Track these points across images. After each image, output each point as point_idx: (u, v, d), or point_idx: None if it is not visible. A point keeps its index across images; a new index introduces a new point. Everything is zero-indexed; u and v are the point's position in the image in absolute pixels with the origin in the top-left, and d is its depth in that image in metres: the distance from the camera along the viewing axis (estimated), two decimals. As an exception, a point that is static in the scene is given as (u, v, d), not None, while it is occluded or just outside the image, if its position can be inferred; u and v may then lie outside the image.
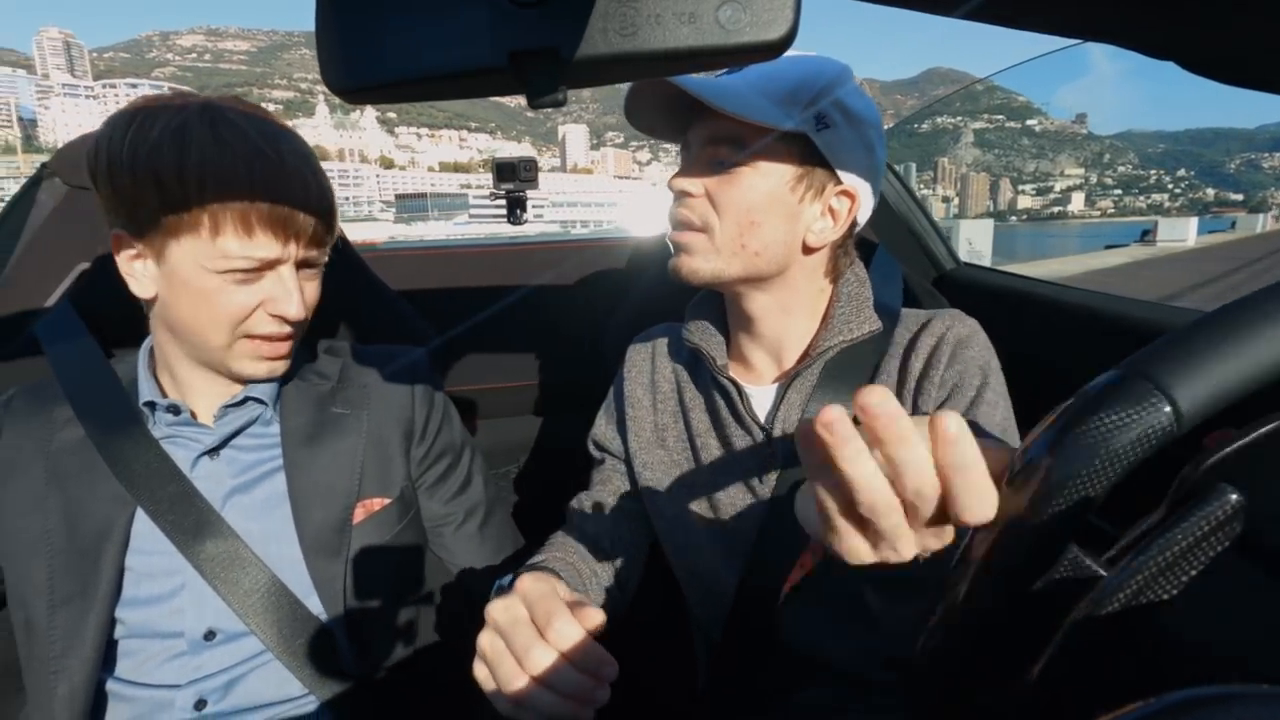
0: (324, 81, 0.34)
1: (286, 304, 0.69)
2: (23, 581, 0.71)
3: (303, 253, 0.70)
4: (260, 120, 0.68)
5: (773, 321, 0.75)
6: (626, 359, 0.89)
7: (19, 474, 0.72)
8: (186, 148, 0.63)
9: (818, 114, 0.67)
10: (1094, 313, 1.03)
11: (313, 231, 0.70)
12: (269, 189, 0.65)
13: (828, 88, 0.68)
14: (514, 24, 0.33)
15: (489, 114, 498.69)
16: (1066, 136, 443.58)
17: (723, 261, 0.70)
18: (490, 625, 0.53)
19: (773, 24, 0.32)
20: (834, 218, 0.71)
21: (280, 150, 0.67)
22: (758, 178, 0.68)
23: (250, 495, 0.76)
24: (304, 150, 0.70)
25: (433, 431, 0.87)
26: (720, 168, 0.69)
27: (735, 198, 0.68)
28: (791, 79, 0.68)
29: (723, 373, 0.75)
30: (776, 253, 0.70)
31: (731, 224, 0.69)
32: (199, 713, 0.71)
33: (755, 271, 0.71)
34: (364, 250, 1.31)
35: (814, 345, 0.74)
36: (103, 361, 0.79)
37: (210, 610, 0.72)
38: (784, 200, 0.69)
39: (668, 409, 0.83)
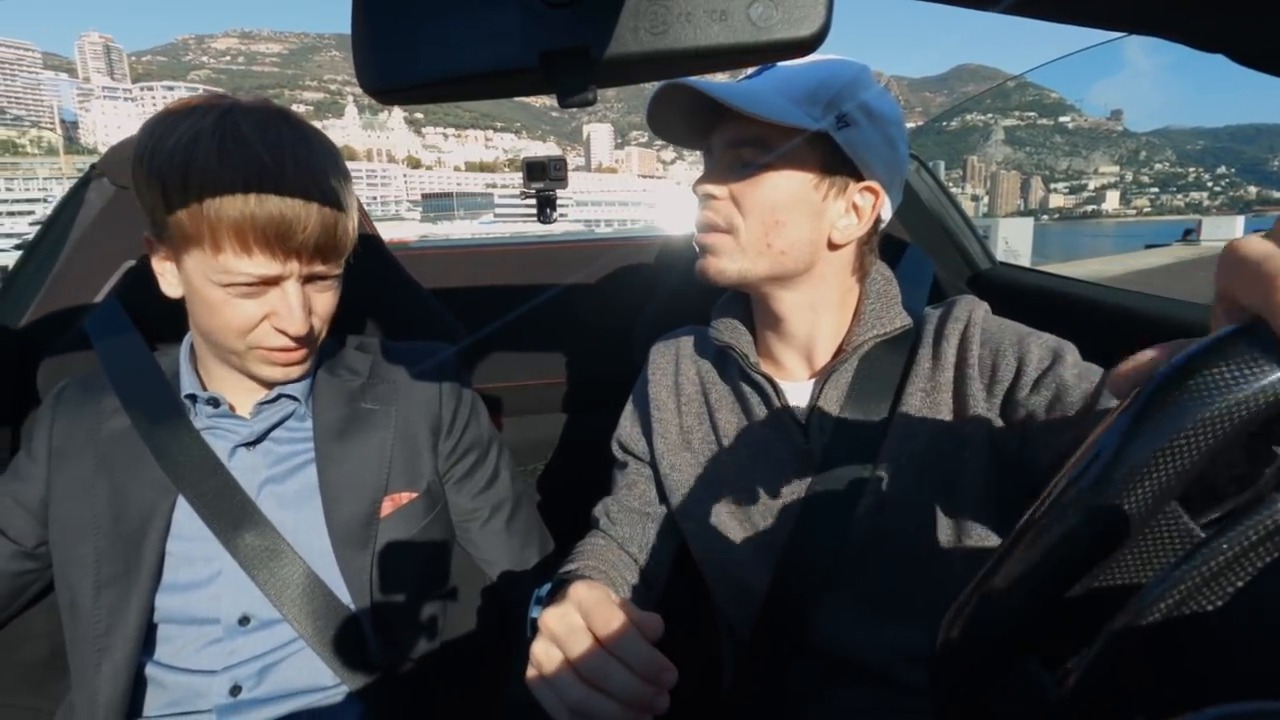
0: (359, 83, 0.34)
1: (289, 320, 0.69)
2: (71, 563, 0.74)
3: (307, 269, 0.69)
4: (277, 130, 0.67)
5: (802, 320, 0.75)
6: (649, 362, 0.88)
7: (70, 460, 0.76)
8: (191, 162, 0.63)
9: (839, 113, 0.68)
10: (1136, 314, 1.00)
11: (315, 248, 0.68)
12: (266, 207, 0.64)
13: (848, 87, 0.69)
14: (545, 24, 0.33)
15: (515, 114, 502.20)
16: (1101, 133, 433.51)
17: (749, 261, 0.71)
18: (545, 633, 0.52)
19: (804, 20, 0.32)
20: (858, 215, 0.72)
21: (285, 166, 0.65)
22: (781, 178, 0.69)
23: (284, 486, 0.77)
24: (315, 163, 0.68)
25: (460, 427, 0.88)
26: (744, 170, 0.69)
27: (759, 198, 0.69)
28: (811, 80, 0.69)
29: (756, 369, 0.75)
30: (802, 251, 0.71)
31: (757, 224, 0.69)
32: (234, 699, 0.73)
33: (782, 270, 0.71)
34: (396, 249, 1.33)
35: (847, 341, 0.74)
36: (147, 355, 0.82)
37: (245, 597, 0.74)
38: (808, 199, 0.70)
39: (692, 411, 0.83)
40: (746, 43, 0.31)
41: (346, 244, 0.72)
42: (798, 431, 0.75)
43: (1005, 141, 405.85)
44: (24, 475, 0.77)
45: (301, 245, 0.67)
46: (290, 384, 0.78)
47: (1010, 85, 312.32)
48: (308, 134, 0.70)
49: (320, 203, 0.67)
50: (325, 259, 0.70)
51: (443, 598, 0.88)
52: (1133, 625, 0.30)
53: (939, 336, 0.73)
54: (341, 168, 0.72)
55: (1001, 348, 0.68)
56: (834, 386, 0.74)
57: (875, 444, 0.71)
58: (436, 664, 0.84)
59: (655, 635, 0.50)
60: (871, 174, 0.71)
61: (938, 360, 0.72)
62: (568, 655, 0.50)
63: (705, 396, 0.83)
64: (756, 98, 0.66)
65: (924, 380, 0.72)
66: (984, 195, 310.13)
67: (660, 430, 0.83)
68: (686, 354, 0.87)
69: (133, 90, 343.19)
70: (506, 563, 0.91)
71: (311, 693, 0.76)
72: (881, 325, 0.73)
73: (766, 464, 0.76)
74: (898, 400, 0.72)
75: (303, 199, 0.66)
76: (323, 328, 0.75)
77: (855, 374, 0.74)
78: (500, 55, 0.33)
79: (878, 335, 0.73)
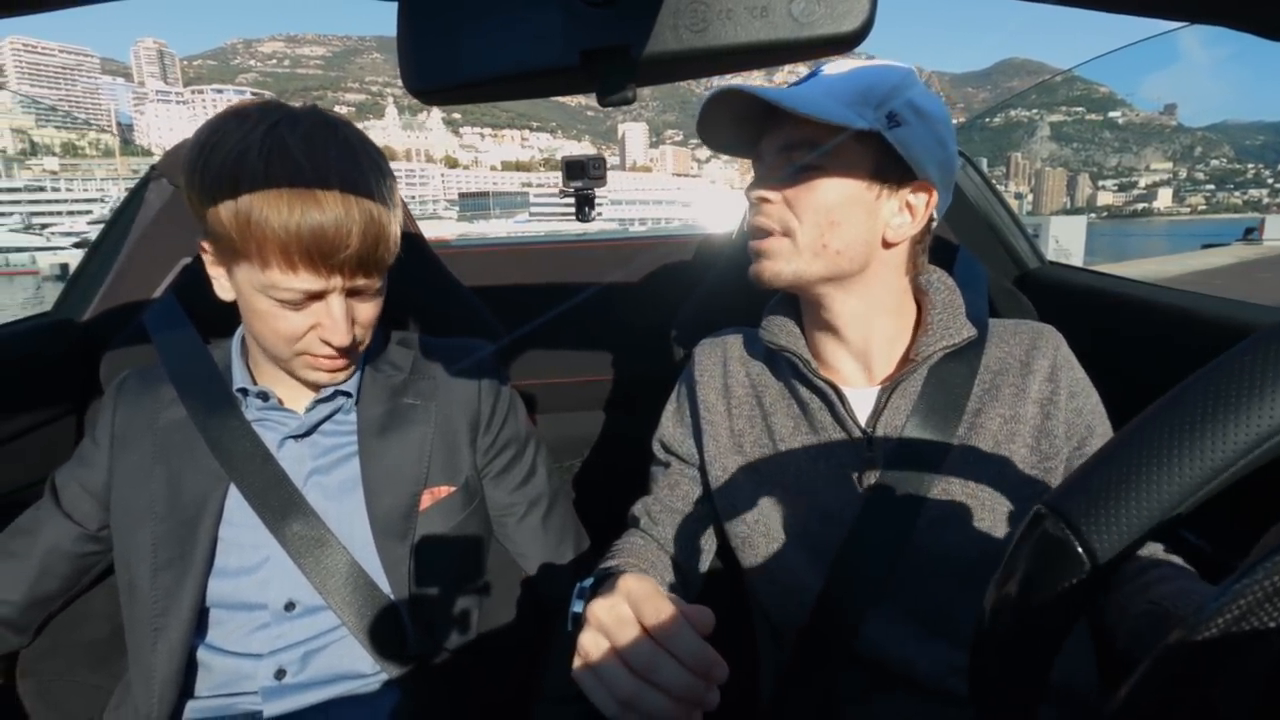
0: (403, 84, 0.35)
1: (334, 332, 0.71)
2: (129, 547, 0.77)
3: (349, 283, 0.70)
4: (324, 144, 0.68)
5: (859, 325, 0.75)
6: (695, 363, 0.87)
7: (130, 448, 0.79)
8: (240, 177, 0.64)
9: (889, 112, 0.68)
10: (1194, 315, 0.95)
11: (357, 263, 0.69)
12: (309, 225, 0.65)
13: (896, 87, 0.69)
14: (585, 23, 0.33)
15: (550, 113, 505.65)
16: (1153, 129, 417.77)
17: (804, 263, 0.71)
18: (593, 624, 0.52)
19: (847, 16, 0.31)
20: (911, 213, 0.72)
21: (329, 182, 0.66)
22: (834, 178, 0.69)
23: (328, 477, 0.80)
24: (359, 178, 0.68)
25: (498, 423, 0.89)
26: (796, 173, 0.70)
27: (814, 199, 0.69)
28: (859, 83, 0.69)
29: (818, 375, 0.75)
30: (858, 251, 0.71)
31: (812, 225, 0.70)
32: (279, 682, 0.76)
33: (838, 270, 0.71)
34: (437, 247, 1.36)
35: (915, 350, 0.74)
36: (202, 349, 0.85)
37: (291, 583, 0.77)
38: (862, 198, 0.70)
39: (743, 413, 0.82)
40: (788, 39, 0.31)
41: (389, 257, 0.73)
42: (861, 439, 0.74)
43: (1051, 138, 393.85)
44: (88, 461, 0.81)
45: (344, 261, 0.68)
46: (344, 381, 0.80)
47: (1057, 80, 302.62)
48: (354, 146, 0.70)
49: (362, 219, 0.68)
50: (368, 273, 0.71)
51: (479, 591, 0.89)
52: (1189, 639, 0.29)
53: (1026, 368, 0.73)
54: (386, 178, 0.72)
55: (1091, 420, 0.71)
56: (902, 396, 0.73)
57: (941, 459, 0.71)
58: (471, 656, 0.86)
59: (707, 629, 0.50)
60: (923, 172, 0.70)
61: (1022, 392, 0.72)
62: (617, 647, 0.50)
63: (758, 399, 0.82)
64: (808, 100, 0.66)
65: (1005, 407, 0.72)
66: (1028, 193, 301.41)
67: (710, 432, 0.82)
68: (735, 355, 0.86)
69: (184, 93, 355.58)
70: (542, 557, 0.92)
71: (352, 679, 0.78)
72: (950, 336, 0.73)
73: (826, 470, 0.75)
74: (970, 417, 0.72)
75: (344, 215, 0.66)
76: (366, 334, 0.77)
77: (924, 385, 0.73)
78: (541, 55, 0.33)
79: (947, 346, 0.73)
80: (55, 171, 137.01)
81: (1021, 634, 0.35)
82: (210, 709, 0.76)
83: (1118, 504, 0.31)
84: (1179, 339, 0.96)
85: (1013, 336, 0.76)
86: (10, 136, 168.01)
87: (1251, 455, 0.30)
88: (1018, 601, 0.34)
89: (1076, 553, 0.32)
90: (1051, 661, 0.35)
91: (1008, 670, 0.36)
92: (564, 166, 1.56)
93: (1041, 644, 0.34)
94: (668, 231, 1.54)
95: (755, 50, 0.32)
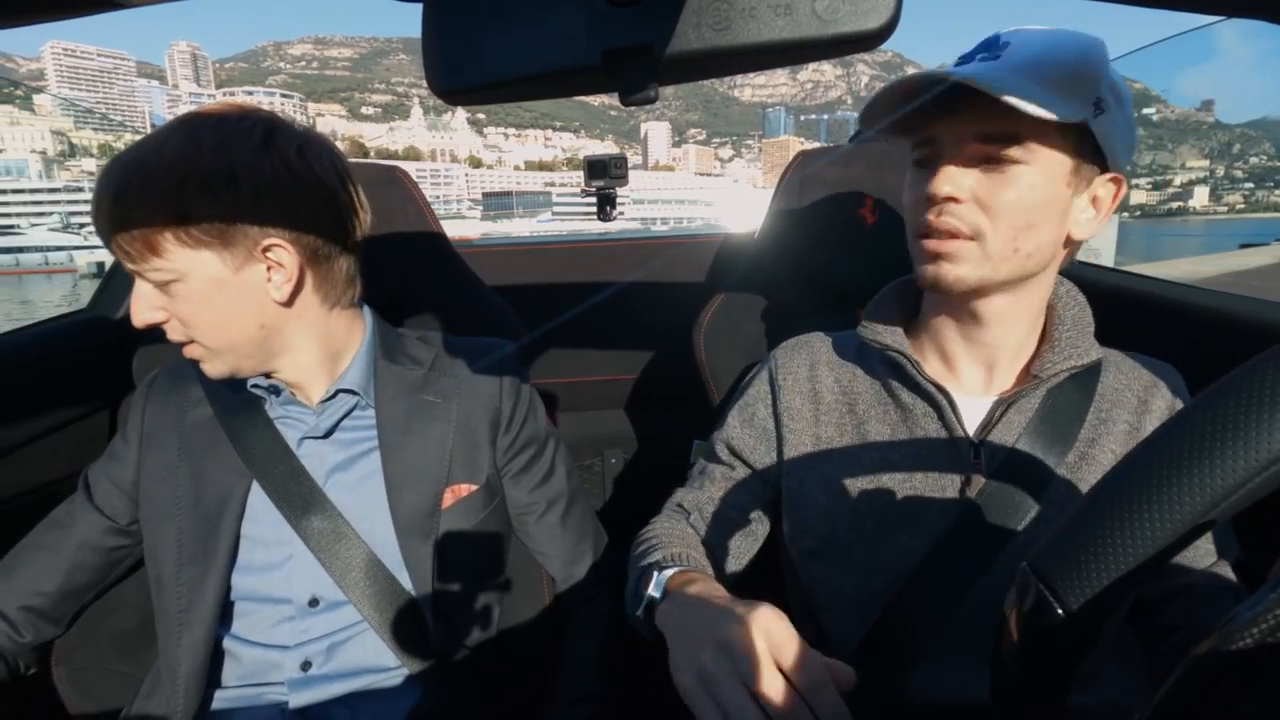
0: (428, 85, 0.36)
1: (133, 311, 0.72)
2: (157, 541, 0.79)
3: (127, 264, 0.71)
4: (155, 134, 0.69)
5: (1000, 328, 0.70)
6: (779, 366, 0.82)
7: (158, 445, 0.81)
8: None
9: (1096, 98, 0.61)
10: (1231, 317, 0.92)
11: (118, 245, 0.69)
12: (93, 203, 0.69)
13: (1101, 66, 0.62)
14: (608, 23, 0.33)
15: (574, 113, 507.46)
16: (1189, 126, 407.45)
17: (992, 267, 0.65)
18: (719, 645, 0.51)
19: (872, 13, 0.31)
20: (1098, 207, 0.67)
21: (114, 167, 0.68)
22: (1036, 175, 0.62)
23: (349, 474, 0.81)
24: (145, 166, 0.66)
25: (519, 422, 0.89)
26: (990, 165, 0.63)
27: (1013, 200, 0.62)
28: (1066, 63, 0.61)
29: (929, 379, 0.71)
30: (1046, 253, 0.66)
31: (1007, 228, 0.63)
32: (304, 674, 0.77)
33: (1023, 273, 0.66)
34: (461, 246, 1.37)
35: (1037, 365, 0.69)
36: None
37: (315, 579, 0.78)
38: (1059, 195, 0.64)
39: (832, 420, 0.77)
40: (812, 37, 0.31)
41: (142, 246, 0.67)
42: (968, 452, 0.69)
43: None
44: (119, 457, 0.83)
45: (106, 238, 0.69)
46: (349, 376, 0.81)
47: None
48: (163, 134, 0.68)
49: (116, 198, 0.67)
50: (128, 256, 0.69)
51: (499, 589, 0.90)
52: (1221, 649, 0.28)
53: (1144, 405, 0.69)
54: (171, 171, 0.66)
55: None
56: (1019, 412, 0.69)
57: (1047, 484, 0.67)
58: (492, 654, 0.86)
59: (848, 686, 0.48)
60: (1117, 162, 0.65)
61: (1137, 431, 0.69)
62: (752, 682, 0.48)
63: (851, 406, 0.77)
64: (1019, 86, 0.58)
65: (1118, 443, 0.68)
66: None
67: (793, 440, 0.78)
68: (823, 359, 0.81)
69: (216, 95, 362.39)
70: (561, 556, 0.92)
71: (376, 672, 0.79)
72: (1078, 356, 0.68)
73: (925, 480, 0.71)
74: (1083, 446, 0.68)
75: (101, 195, 0.68)
76: (203, 335, 0.72)
77: (1041, 403, 0.69)
78: (564, 55, 0.34)
79: (1073, 367, 0.68)
80: (93, 172, 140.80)
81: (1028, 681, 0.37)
82: (239, 698, 0.78)
83: (1087, 561, 0.33)
84: (1214, 342, 0.92)
85: (1131, 370, 0.72)
86: (50, 139, 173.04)
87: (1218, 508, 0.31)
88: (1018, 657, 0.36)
89: (1053, 609, 0.34)
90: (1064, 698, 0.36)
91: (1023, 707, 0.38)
92: (586, 166, 1.56)
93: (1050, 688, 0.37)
94: (690, 231, 1.53)
95: (778, 49, 0.31)
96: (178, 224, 0.67)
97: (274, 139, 0.70)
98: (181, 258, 0.68)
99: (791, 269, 1.09)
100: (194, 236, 0.68)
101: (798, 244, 1.09)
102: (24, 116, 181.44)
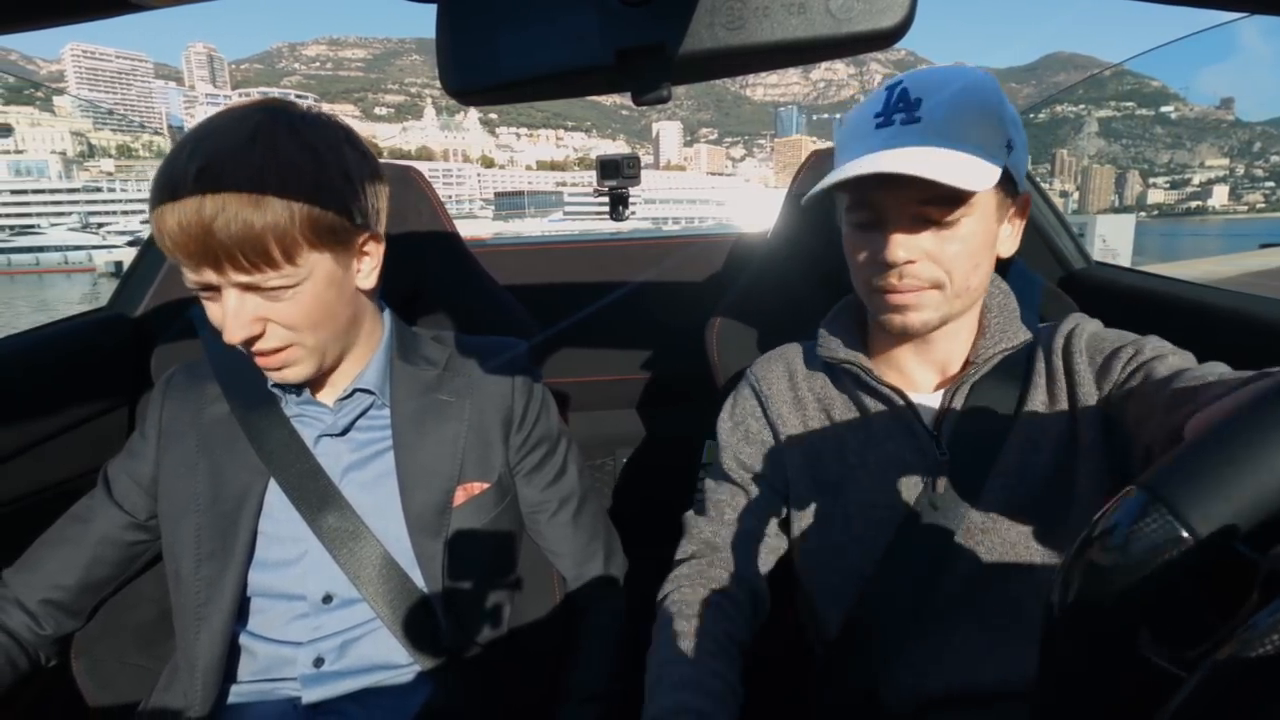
0: (442, 85, 0.36)
1: (228, 328, 0.69)
2: (175, 537, 0.80)
3: (234, 278, 0.66)
4: (221, 137, 0.65)
5: (948, 341, 0.76)
6: (760, 379, 0.86)
7: (176, 441, 0.82)
8: (162, 167, 0.66)
9: (1006, 141, 0.68)
10: (1246, 317, 0.91)
11: (224, 260, 0.65)
12: (171, 216, 0.64)
13: (1003, 107, 0.68)
14: (621, 22, 0.33)
15: (585, 113, 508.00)
16: (1209, 124, 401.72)
17: (952, 306, 0.72)
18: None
19: (887, 11, 0.31)
20: (1013, 224, 0.75)
21: (191, 174, 0.63)
22: (976, 223, 0.69)
23: (363, 472, 0.81)
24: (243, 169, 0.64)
25: (530, 421, 0.90)
26: (936, 226, 0.68)
27: (962, 251, 0.69)
28: (978, 116, 0.67)
29: (883, 382, 0.76)
30: (988, 279, 0.74)
31: (960, 273, 0.70)
32: (317, 670, 0.78)
33: (974, 302, 0.74)
34: (473, 245, 1.37)
35: (974, 354, 0.76)
36: None
37: (329, 577, 0.78)
38: (993, 231, 0.72)
39: (815, 426, 0.82)
40: (826, 36, 0.31)
41: (269, 254, 0.66)
42: (930, 443, 0.75)
43: (1099, 134, 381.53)
44: (137, 454, 0.84)
45: (205, 254, 0.64)
46: (365, 375, 0.81)
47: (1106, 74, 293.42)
48: (261, 136, 0.66)
49: (220, 212, 0.63)
50: (243, 269, 0.66)
51: (511, 587, 0.90)
52: (1241, 655, 0.28)
53: (1050, 350, 0.74)
54: (301, 174, 0.66)
55: (1117, 349, 0.68)
56: (964, 396, 0.75)
57: (995, 456, 0.72)
58: (503, 652, 0.87)
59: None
60: (1024, 185, 0.72)
61: (1052, 374, 0.73)
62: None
63: (828, 412, 0.82)
64: (946, 159, 0.64)
65: (1042, 394, 0.73)
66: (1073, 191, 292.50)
67: (788, 447, 0.82)
68: (799, 369, 0.85)
69: (232, 97, 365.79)
70: (573, 555, 0.92)
71: (387, 669, 0.80)
72: (1006, 340, 0.74)
73: (898, 478, 0.76)
74: (1019, 415, 0.73)
75: (197, 210, 0.63)
76: (303, 334, 0.72)
77: (981, 387, 0.75)
78: (577, 54, 0.34)
79: (1003, 350, 0.74)
80: (111, 173, 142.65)
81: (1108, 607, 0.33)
82: (253, 693, 0.79)
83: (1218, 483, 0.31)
84: (1232, 342, 0.91)
85: (1052, 331, 0.76)
86: (70, 139, 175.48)
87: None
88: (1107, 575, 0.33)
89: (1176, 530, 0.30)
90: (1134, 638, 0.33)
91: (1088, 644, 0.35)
92: (598, 166, 1.57)
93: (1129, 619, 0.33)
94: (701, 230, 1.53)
95: (792, 48, 0.31)
96: (311, 227, 0.68)
97: (351, 135, 0.74)
98: (309, 260, 0.69)
99: (804, 268, 1.09)
100: (321, 237, 0.69)
101: (810, 243, 1.09)
102: (44, 118, 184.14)
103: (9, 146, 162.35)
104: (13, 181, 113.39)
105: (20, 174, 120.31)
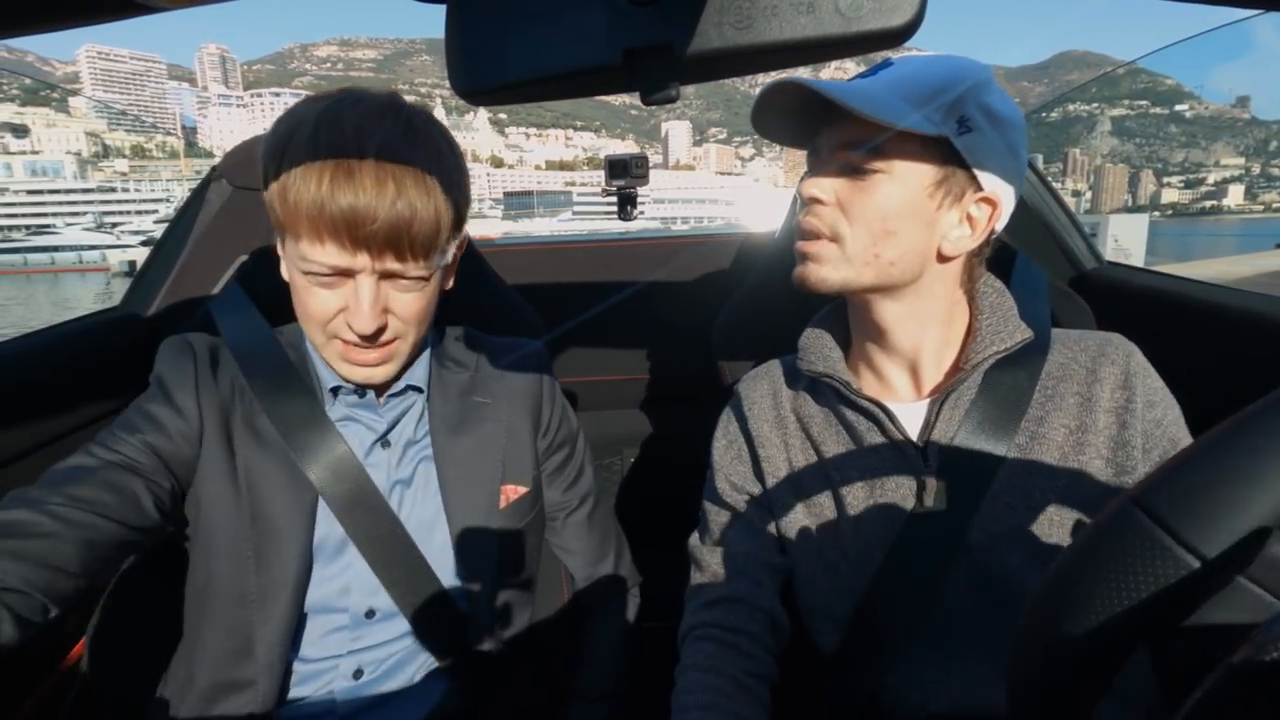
0: (451, 86, 0.36)
1: (356, 315, 0.67)
2: (210, 548, 0.73)
3: (379, 264, 0.66)
4: (379, 121, 0.65)
5: (906, 332, 0.71)
6: (744, 398, 0.84)
7: (215, 440, 0.74)
8: (288, 147, 0.64)
9: (960, 116, 0.63)
10: (1261, 318, 0.89)
11: (384, 242, 0.64)
12: (336, 196, 0.62)
13: (972, 89, 0.63)
14: (629, 22, 0.33)
15: (595, 113, 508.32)
16: (1224, 122, 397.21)
17: (854, 271, 0.67)
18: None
19: (896, 10, 0.30)
20: (972, 225, 0.67)
21: (366, 157, 0.63)
22: (894, 184, 0.64)
23: (410, 483, 0.79)
24: (407, 157, 0.65)
25: (555, 422, 0.89)
26: (853, 173, 0.65)
27: (869, 206, 0.65)
28: (931, 80, 0.63)
29: (860, 395, 0.72)
30: (911, 262, 0.67)
31: (864, 233, 0.65)
32: (356, 681, 0.76)
33: (888, 280, 0.67)
34: (482, 245, 1.38)
35: (964, 358, 0.70)
36: (271, 337, 0.81)
37: (371, 590, 0.76)
38: (921, 208, 0.65)
39: (796, 445, 0.79)
40: (835, 35, 0.31)
41: (427, 244, 0.67)
42: (916, 457, 0.70)
43: (1112, 133, 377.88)
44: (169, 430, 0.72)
45: (369, 238, 0.64)
46: (414, 373, 0.79)
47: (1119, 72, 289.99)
48: (417, 129, 0.67)
49: (398, 198, 0.64)
50: (400, 256, 0.66)
51: (532, 588, 0.90)
52: (1255, 659, 0.27)
53: (1093, 375, 0.69)
54: (448, 170, 0.69)
55: (1174, 433, 0.66)
56: (955, 406, 0.70)
57: (999, 471, 0.67)
58: (521, 652, 0.87)
59: None
60: (990, 184, 0.66)
61: (1090, 401, 0.68)
62: None
63: (806, 429, 0.79)
64: (871, 97, 0.62)
65: (1069, 417, 0.68)
66: (1086, 190, 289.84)
67: (769, 469, 0.80)
68: (781, 386, 0.82)
69: (244, 97, 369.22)
70: (585, 554, 0.92)
71: (424, 679, 0.79)
72: (1000, 341, 0.69)
73: (881, 493, 0.72)
74: (1031, 426, 0.68)
75: (377, 191, 0.63)
76: (410, 330, 0.72)
77: (977, 393, 0.70)
78: (585, 54, 0.34)
79: (998, 351, 0.69)
80: (125, 173, 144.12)
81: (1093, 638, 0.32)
82: (294, 706, 0.76)
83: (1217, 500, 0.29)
84: (1247, 343, 0.90)
85: (1077, 344, 0.71)
86: (85, 140, 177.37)
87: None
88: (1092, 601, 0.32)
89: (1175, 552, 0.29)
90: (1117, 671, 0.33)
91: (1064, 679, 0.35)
92: (607, 165, 1.57)
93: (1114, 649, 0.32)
94: (710, 230, 1.53)
95: (801, 47, 0.31)
96: (454, 222, 0.71)
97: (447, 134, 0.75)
98: (444, 255, 0.71)
99: None
100: (455, 233, 0.72)
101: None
102: (60, 119, 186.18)
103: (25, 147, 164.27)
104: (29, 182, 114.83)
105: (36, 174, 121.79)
